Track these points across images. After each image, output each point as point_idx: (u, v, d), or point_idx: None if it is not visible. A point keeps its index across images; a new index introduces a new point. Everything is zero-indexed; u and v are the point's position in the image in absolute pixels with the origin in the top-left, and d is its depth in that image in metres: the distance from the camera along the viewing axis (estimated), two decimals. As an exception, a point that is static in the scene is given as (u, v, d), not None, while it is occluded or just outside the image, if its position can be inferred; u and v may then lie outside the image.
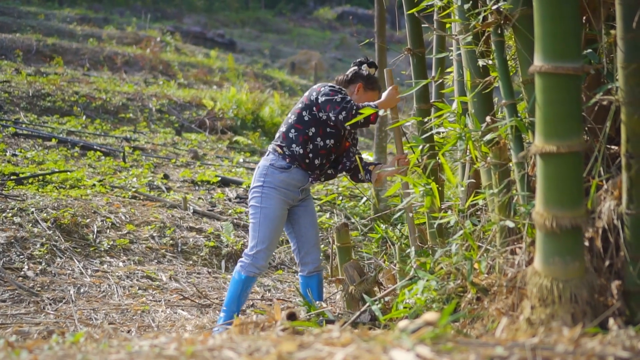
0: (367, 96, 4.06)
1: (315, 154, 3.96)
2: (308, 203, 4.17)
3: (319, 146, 3.96)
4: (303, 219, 4.14)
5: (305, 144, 3.93)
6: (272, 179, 3.94)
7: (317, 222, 4.22)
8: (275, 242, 3.99)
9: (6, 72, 11.82)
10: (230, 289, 3.96)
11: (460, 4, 2.98)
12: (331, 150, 4.02)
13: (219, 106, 11.95)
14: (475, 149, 2.92)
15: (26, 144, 8.29)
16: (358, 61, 4.20)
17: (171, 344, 1.88)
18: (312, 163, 3.97)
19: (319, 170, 4.04)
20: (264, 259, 3.94)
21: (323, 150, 3.98)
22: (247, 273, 3.92)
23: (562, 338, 1.89)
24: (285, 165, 3.94)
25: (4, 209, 5.48)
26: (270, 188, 3.93)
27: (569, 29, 2.19)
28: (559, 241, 2.20)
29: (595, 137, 2.58)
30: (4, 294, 4.41)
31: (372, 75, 4.12)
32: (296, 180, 3.97)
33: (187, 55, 18.81)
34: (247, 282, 3.94)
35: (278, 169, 3.94)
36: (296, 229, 4.15)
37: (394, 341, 1.72)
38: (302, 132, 3.93)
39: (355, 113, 3.73)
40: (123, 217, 6.00)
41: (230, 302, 3.94)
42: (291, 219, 4.14)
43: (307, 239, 4.14)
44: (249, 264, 3.92)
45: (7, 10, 20.78)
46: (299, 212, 4.13)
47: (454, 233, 3.05)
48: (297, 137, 3.93)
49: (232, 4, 34.67)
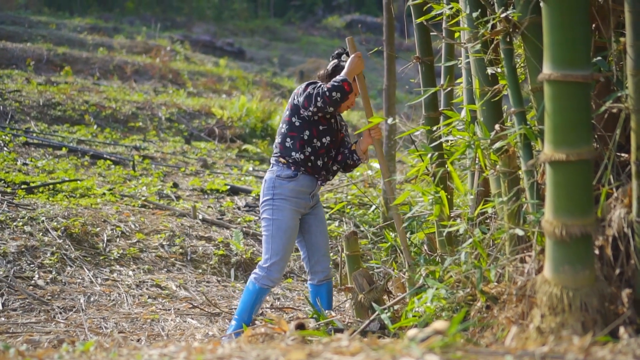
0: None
1: (316, 156, 3.95)
2: (318, 211, 4.16)
3: (317, 147, 3.94)
4: (314, 227, 4.13)
5: (303, 148, 3.92)
6: (281, 190, 3.93)
7: (327, 230, 4.21)
8: (289, 254, 3.97)
9: (17, 82, 11.89)
10: (243, 299, 3.96)
11: (469, 12, 2.98)
12: (330, 147, 4.01)
13: (228, 115, 11.97)
14: (485, 157, 2.91)
15: (37, 153, 8.34)
16: (336, 53, 4.18)
17: (180, 352, 1.88)
18: (316, 165, 3.96)
19: (324, 170, 4.03)
20: (278, 272, 3.93)
21: (322, 149, 3.96)
22: (261, 285, 3.92)
23: (572, 347, 1.88)
24: (291, 174, 3.94)
25: (15, 218, 5.51)
26: (281, 199, 3.93)
27: (578, 37, 2.19)
28: (568, 249, 2.20)
29: (605, 144, 2.58)
30: (14, 302, 4.42)
31: None
32: (305, 186, 3.97)
33: (196, 64, 18.87)
34: (261, 293, 3.94)
35: (285, 179, 3.94)
36: (307, 237, 4.14)
37: (403, 350, 1.72)
38: (297, 138, 3.92)
39: (330, 92, 3.75)
40: (133, 225, 6.01)
41: (242, 312, 3.94)
42: (302, 228, 4.13)
43: (318, 248, 4.13)
44: (263, 276, 3.92)
45: (18, 20, 20.93)
46: (309, 220, 4.12)
47: (464, 241, 3.04)
48: (294, 144, 3.93)
49: (242, 12, 34.80)
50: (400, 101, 16.51)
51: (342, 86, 3.76)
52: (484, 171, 3.00)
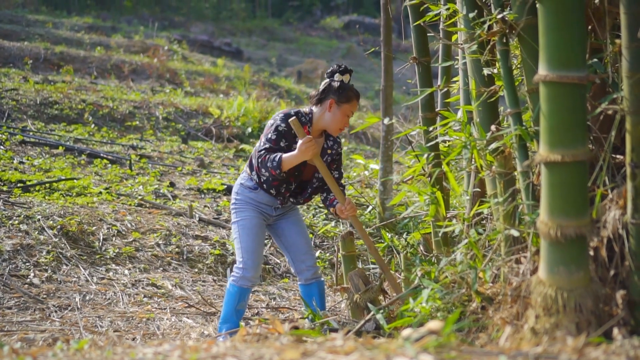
0: (342, 110, 3.87)
1: (268, 184, 3.90)
2: (290, 214, 4.15)
3: (270, 177, 3.87)
4: (288, 230, 4.12)
5: (259, 171, 3.89)
6: (242, 197, 3.99)
7: (305, 230, 4.18)
8: (259, 252, 3.96)
9: (14, 80, 11.88)
10: (225, 302, 3.96)
11: (465, 13, 2.98)
12: (289, 180, 3.92)
13: (225, 114, 11.97)
14: (480, 157, 2.92)
15: (33, 152, 8.32)
16: (329, 71, 3.97)
17: (175, 351, 1.88)
18: (269, 191, 3.94)
19: (281, 197, 3.98)
20: (252, 269, 3.92)
21: (275, 181, 3.89)
22: (240, 285, 3.92)
23: (566, 347, 1.88)
24: (252, 186, 3.97)
25: (11, 216, 5.50)
26: (243, 203, 3.98)
27: (574, 38, 2.20)
28: (563, 250, 2.20)
29: (600, 146, 2.58)
30: (9, 301, 4.42)
31: (344, 85, 3.88)
32: (265, 201, 3.98)
33: (194, 64, 18.86)
34: (241, 293, 3.93)
35: (247, 188, 3.98)
36: (284, 240, 4.14)
37: (397, 349, 1.72)
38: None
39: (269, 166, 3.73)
40: (129, 224, 6.01)
41: (227, 316, 3.93)
42: (277, 232, 4.15)
43: (298, 248, 4.12)
44: (240, 276, 3.92)
45: (15, 19, 20.92)
46: (282, 224, 4.13)
47: (459, 242, 3.05)
48: (253, 165, 3.94)
49: (239, 12, 34.80)
50: (398, 102, 16.53)
51: (268, 169, 3.76)
52: (479, 172, 3.00)
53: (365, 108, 18.03)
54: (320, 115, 3.92)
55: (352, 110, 3.92)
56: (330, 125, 3.92)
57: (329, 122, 3.91)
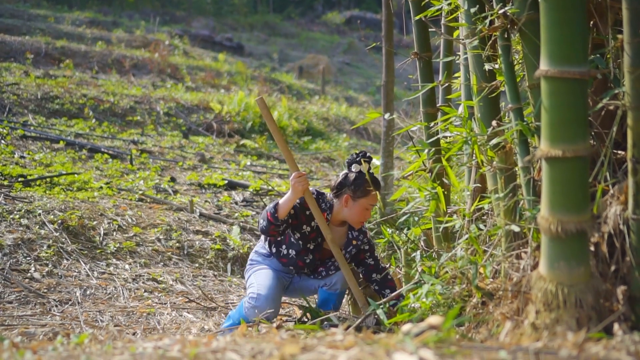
0: (360, 204, 3.72)
1: (279, 258, 3.87)
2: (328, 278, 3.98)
3: (282, 253, 3.84)
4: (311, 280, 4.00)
5: (270, 244, 3.88)
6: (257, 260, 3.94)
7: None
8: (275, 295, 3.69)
9: (15, 75, 11.88)
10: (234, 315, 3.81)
11: (467, 8, 2.97)
12: (296, 262, 3.85)
13: (226, 109, 11.97)
14: (481, 153, 2.91)
15: (34, 146, 8.33)
16: (347, 161, 3.83)
17: (175, 345, 1.88)
18: (280, 262, 3.89)
19: (295, 268, 3.90)
20: (265, 300, 3.61)
21: (284, 258, 3.85)
22: (247, 315, 3.64)
23: (566, 343, 1.88)
24: (266, 254, 3.94)
25: (12, 210, 5.50)
26: (258, 263, 3.93)
27: (575, 34, 2.19)
28: (564, 246, 2.19)
29: (601, 142, 2.58)
30: (10, 295, 4.42)
31: (359, 178, 3.73)
32: (279, 268, 3.91)
33: (195, 59, 18.85)
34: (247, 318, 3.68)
35: (261, 255, 3.95)
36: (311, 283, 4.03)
37: (397, 344, 1.72)
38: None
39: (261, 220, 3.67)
40: (130, 219, 6.01)
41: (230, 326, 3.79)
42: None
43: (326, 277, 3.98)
44: (251, 306, 3.63)
45: (17, 13, 20.91)
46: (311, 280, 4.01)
47: (460, 237, 3.05)
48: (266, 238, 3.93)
49: (241, 7, 34.78)
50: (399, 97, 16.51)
51: (265, 215, 3.63)
52: (480, 167, 3.00)
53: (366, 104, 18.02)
54: (338, 209, 3.80)
55: (371, 203, 3.74)
56: (350, 219, 3.79)
57: (347, 216, 3.78)
